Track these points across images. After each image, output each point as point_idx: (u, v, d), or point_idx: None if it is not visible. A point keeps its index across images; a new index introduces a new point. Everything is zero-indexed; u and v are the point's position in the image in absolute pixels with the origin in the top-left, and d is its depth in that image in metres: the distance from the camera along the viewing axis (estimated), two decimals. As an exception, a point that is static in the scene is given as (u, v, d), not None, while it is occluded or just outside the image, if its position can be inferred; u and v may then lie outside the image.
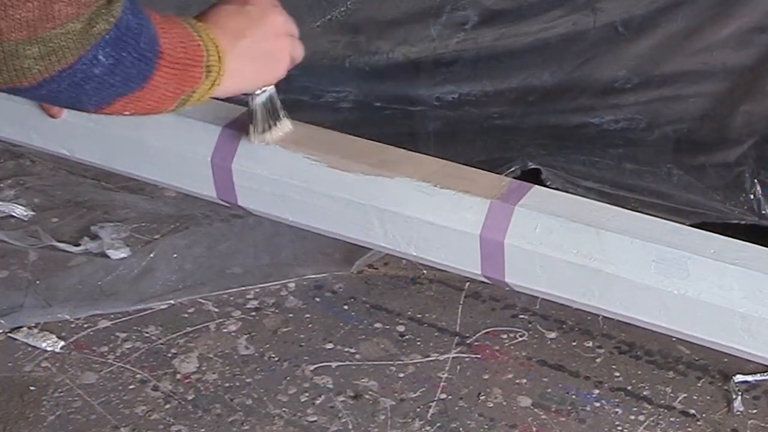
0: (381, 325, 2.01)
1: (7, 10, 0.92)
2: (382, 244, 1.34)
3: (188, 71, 1.09)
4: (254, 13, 1.20)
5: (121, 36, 0.98)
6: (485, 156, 2.07)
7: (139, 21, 1.01)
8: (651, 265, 1.21)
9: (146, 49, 1.02)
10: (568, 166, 2.04)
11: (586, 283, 1.24)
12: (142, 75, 1.03)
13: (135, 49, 1.00)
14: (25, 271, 2.12)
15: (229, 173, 1.40)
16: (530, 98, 2.10)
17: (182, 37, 1.09)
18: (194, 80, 1.11)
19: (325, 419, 1.82)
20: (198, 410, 1.85)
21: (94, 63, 0.97)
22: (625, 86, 2.03)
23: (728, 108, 1.97)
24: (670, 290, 1.19)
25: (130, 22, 0.99)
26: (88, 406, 1.86)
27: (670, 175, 2.02)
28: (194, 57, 1.10)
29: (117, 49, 0.98)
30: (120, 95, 1.03)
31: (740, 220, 1.97)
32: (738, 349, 1.20)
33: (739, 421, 1.80)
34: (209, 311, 2.06)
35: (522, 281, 1.28)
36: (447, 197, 1.29)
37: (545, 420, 1.81)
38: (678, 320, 1.21)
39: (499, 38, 2.07)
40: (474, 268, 1.30)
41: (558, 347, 1.95)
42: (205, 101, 1.16)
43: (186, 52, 1.08)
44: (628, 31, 1.98)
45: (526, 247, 1.25)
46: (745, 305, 1.17)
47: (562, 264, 1.24)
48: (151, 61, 1.03)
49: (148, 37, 1.02)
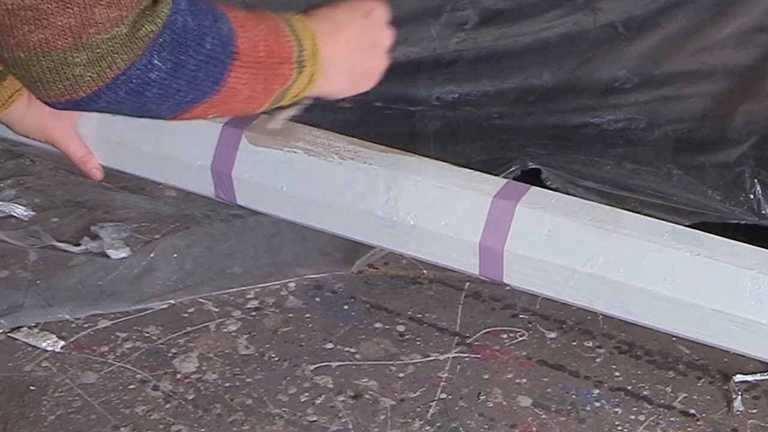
0: (381, 325, 2.02)
1: (49, 17, 0.91)
2: (379, 214, 1.33)
3: (275, 69, 1.07)
4: (356, 4, 1.19)
5: (177, 38, 0.96)
6: (485, 156, 2.07)
7: (200, 21, 0.98)
8: (664, 234, 1.22)
9: (215, 50, 0.99)
10: (568, 166, 2.04)
11: (592, 248, 1.24)
12: (212, 77, 1.00)
13: (198, 51, 0.98)
14: (25, 271, 2.12)
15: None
16: (530, 98, 2.10)
17: (267, 34, 1.06)
18: (284, 77, 1.09)
19: (325, 419, 1.83)
20: (198, 410, 1.85)
21: (150, 67, 0.95)
22: (625, 86, 2.03)
23: (728, 108, 1.97)
24: (682, 252, 1.20)
25: (188, 23, 0.97)
26: (88, 406, 1.86)
27: (670, 175, 2.02)
28: (282, 53, 1.08)
29: (175, 52, 0.96)
30: (193, 100, 1.01)
31: (740, 220, 1.97)
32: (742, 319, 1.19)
33: (739, 421, 1.80)
34: (209, 311, 2.06)
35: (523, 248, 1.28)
36: (455, 171, 1.31)
37: (545, 420, 1.81)
38: (684, 288, 1.21)
39: (499, 38, 2.07)
40: (474, 238, 1.29)
41: (558, 347, 1.96)
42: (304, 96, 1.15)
43: (270, 48, 1.06)
44: (628, 31, 1.98)
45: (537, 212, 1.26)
46: (757, 268, 1.18)
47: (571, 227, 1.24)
48: (223, 63, 1.01)
49: (218, 38, 1.00)
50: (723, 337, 1.23)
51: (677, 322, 1.24)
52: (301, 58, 1.10)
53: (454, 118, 2.14)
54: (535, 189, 1.30)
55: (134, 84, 0.95)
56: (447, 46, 2.10)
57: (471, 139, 2.13)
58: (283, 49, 1.08)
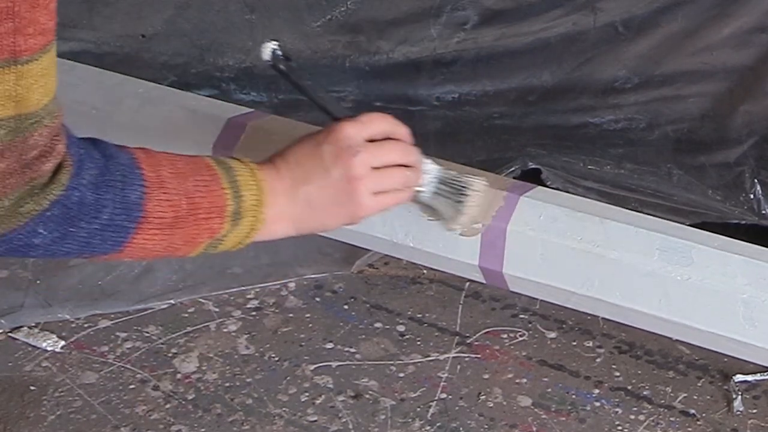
0: (381, 325, 2.01)
1: None
2: (379, 236, 1.33)
3: (200, 223, 1.06)
4: (327, 155, 1.13)
5: (68, 213, 0.96)
6: (485, 156, 2.07)
7: (101, 195, 0.98)
8: (655, 252, 1.21)
9: (114, 219, 0.99)
10: (568, 166, 2.04)
11: (586, 272, 1.24)
12: (111, 242, 1.01)
13: (92, 222, 0.98)
14: (25, 271, 2.12)
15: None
16: (530, 98, 2.10)
17: (197, 188, 1.05)
18: (212, 230, 1.08)
19: (326, 419, 1.82)
20: (198, 410, 1.85)
21: (33, 234, 0.95)
22: (625, 86, 2.03)
23: (728, 108, 1.97)
24: (673, 276, 1.19)
25: (85, 198, 0.96)
26: (88, 406, 1.86)
27: (670, 175, 2.02)
28: (210, 207, 1.06)
29: (63, 224, 0.96)
30: (91, 256, 1.01)
31: (740, 220, 1.97)
32: (738, 341, 1.19)
33: (739, 421, 1.80)
34: (209, 311, 2.06)
35: (521, 271, 1.28)
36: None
37: (545, 420, 1.81)
38: (679, 310, 1.21)
39: (499, 38, 2.07)
40: (472, 260, 1.29)
41: (558, 347, 1.96)
42: (248, 243, 1.12)
43: (196, 203, 1.05)
44: (628, 31, 1.98)
45: (528, 234, 1.25)
46: (748, 292, 1.17)
47: (563, 251, 1.24)
48: (125, 229, 1.01)
49: (121, 206, 0.99)
50: (721, 349, 1.23)
51: (676, 334, 1.25)
52: (237, 209, 1.08)
53: (454, 118, 2.14)
54: (525, 202, 1.28)
55: (15, 245, 0.95)
56: (447, 46, 2.10)
57: (471, 139, 2.12)
58: (212, 202, 1.06)
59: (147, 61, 2.28)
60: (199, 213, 1.06)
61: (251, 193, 1.09)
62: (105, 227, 0.99)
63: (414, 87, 2.15)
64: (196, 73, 2.25)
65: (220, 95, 2.18)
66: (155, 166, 1.03)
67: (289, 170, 1.13)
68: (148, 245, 1.03)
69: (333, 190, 1.14)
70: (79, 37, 2.28)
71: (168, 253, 1.07)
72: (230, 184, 1.08)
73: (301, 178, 1.13)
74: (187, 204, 1.04)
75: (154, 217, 1.02)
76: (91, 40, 2.29)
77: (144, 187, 1.01)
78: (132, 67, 2.12)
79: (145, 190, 1.01)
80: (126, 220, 1.00)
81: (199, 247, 1.09)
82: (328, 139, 1.14)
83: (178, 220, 1.04)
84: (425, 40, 2.10)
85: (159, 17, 2.24)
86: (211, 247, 1.10)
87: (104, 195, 0.98)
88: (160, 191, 1.02)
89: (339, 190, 1.14)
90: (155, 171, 1.03)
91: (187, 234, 1.06)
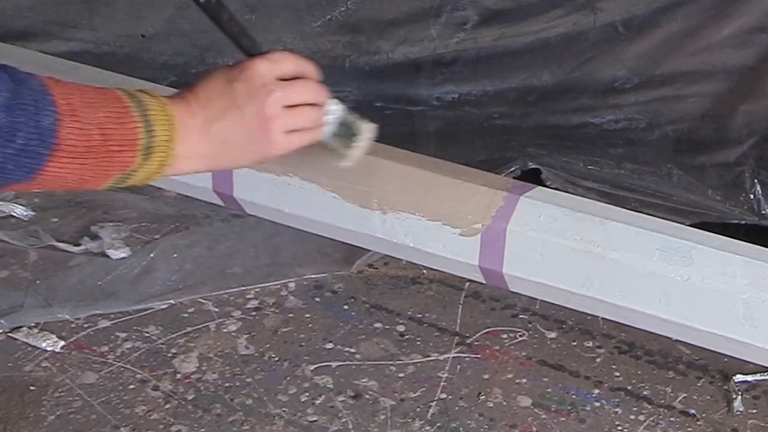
0: (381, 325, 2.02)
1: None
2: (379, 236, 1.34)
3: (112, 156, 1.06)
4: (240, 92, 1.15)
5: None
6: (485, 156, 2.07)
7: (15, 117, 0.98)
8: (655, 252, 1.21)
9: (29, 144, 0.99)
10: (568, 166, 2.04)
11: (586, 272, 1.24)
12: (25, 168, 1.01)
13: (6, 146, 0.98)
14: (25, 271, 2.12)
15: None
16: (530, 98, 2.10)
17: (108, 120, 1.05)
18: (123, 164, 1.08)
19: (325, 419, 1.82)
20: (198, 410, 1.85)
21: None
22: (625, 86, 2.03)
23: (728, 108, 1.97)
24: (673, 276, 1.19)
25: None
26: (88, 406, 1.86)
27: (670, 175, 2.02)
28: (122, 139, 1.06)
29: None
30: (3, 183, 1.01)
31: (740, 220, 1.97)
32: (738, 341, 1.20)
33: (739, 421, 1.80)
34: (209, 311, 2.06)
35: (521, 271, 1.28)
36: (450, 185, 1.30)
37: (545, 420, 1.81)
38: (678, 311, 1.21)
39: (499, 38, 2.07)
40: (472, 260, 1.29)
41: (558, 347, 1.96)
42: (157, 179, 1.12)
43: (106, 135, 1.05)
44: (628, 31, 1.98)
45: (528, 234, 1.25)
46: (748, 292, 1.17)
47: (563, 251, 1.24)
48: (39, 155, 1.01)
49: (35, 131, 0.99)
50: (721, 349, 1.23)
51: (676, 334, 1.25)
52: (149, 144, 1.09)
53: (454, 118, 2.14)
54: (525, 202, 1.29)
55: None
56: (447, 46, 2.10)
57: (471, 139, 2.13)
58: (125, 135, 1.07)
59: (147, 61, 2.28)
60: (110, 145, 1.06)
61: (162, 129, 1.10)
62: (19, 152, 0.99)
63: (414, 87, 2.15)
64: (196, 73, 2.26)
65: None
66: (66, 94, 1.03)
67: (201, 107, 1.14)
68: (61, 174, 1.03)
69: (246, 128, 1.15)
70: (79, 37, 2.29)
71: (78, 185, 1.07)
72: (142, 118, 1.08)
73: (214, 115, 1.14)
74: (100, 135, 1.05)
75: (67, 145, 1.02)
76: (91, 40, 2.29)
77: (57, 114, 1.01)
78: (132, 67, 2.12)
79: (57, 117, 1.01)
80: (40, 146, 1.01)
81: (109, 180, 1.09)
82: (241, 76, 1.15)
83: (90, 150, 1.04)
84: (425, 40, 2.10)
85: (159, 17, 2.24)
86: (120, 181, 1.10)
87: (17, 118, 0.98)
88: (71, 119, 1.02)
89: (252, 128, 1.15)
90: (66, 99, 1.03)
91: (99, 165, 1.06)
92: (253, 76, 1.15)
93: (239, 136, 1.15)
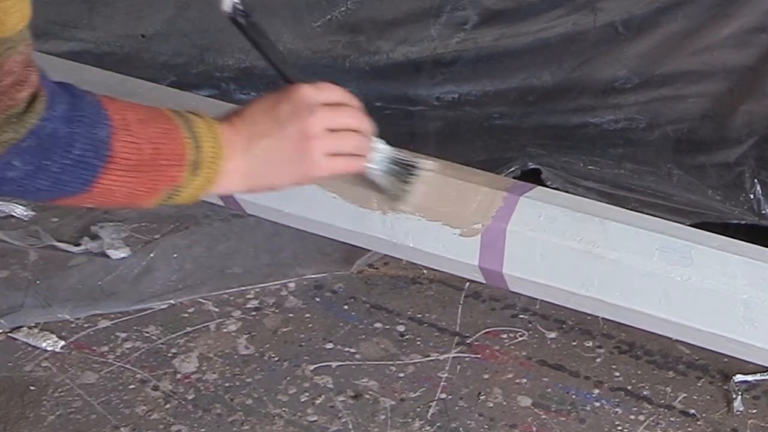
0: (381, 325, 2.01)
1: None
2: (379, 236, 1.33)
3: (162, 170, 1.08)
4: (283, 112, 1.16)
5: (42, 144, 0.98)
6: (485, 156, 2.07)
7: (73, 128, 0.99)
8: (654, 253, 1.21)
9: (85, 155, 1.01)
10: (568, 166, 2.04)
11: (586, 272, 1.24)
12: (81, 180, 1.02)
13: (64, 156, 1.00)
14: (25, 271, 2.12)
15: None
16: (530, 98, 2.10)
17: (159, 135, 1.07)
18: (171, 178, 1.09)
19: (325, 419, 1.82)
20: (198, 410, 1.85)
21: (8, 167, 0.97)
22: (625, 86, 2.03)
23: (728, 108, 1.97)
24: (673, 276, 1.19)
25: (58, 130, 0.99)
26: (88, 406, 1.86)
27: (670, 175, 2.02)
28: (172, 155, 1.08)
29: (38, 156, 0.98)
30: (57, 196, 1.03)
31: (740, 220, 1.97)
32: (738, 341, 1.20)
33: (739, 421, 1.80)
34: (209, 311, 2.06)
35: (521, 271, 1.28)
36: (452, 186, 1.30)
37: (545, 420, 1.81)
38: (679, 311, 1.21)
39: (499, 38, 2.07)
40: (472, 260, 1.29)
41: (558, 347, 1.95)
42: (203, 197, 1.14)
43: (158, 150, 1.07)
44: (628, 31, 1.98)
45: (528, 234, 1.25)
46: (748, 292, 1.17)
47: (563, 251, 1.24)
48: (94, 167, 1.02)
49: (90, 143, 1.01)
50: (721, 349, 1.23)
51: (676, 334, 1.24)
52: (197, 159, 1.10)
53: (454, 118, 2.14)
54: (525, 202, 1.29)
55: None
56: (447, 46, 2.10)
57: (471, 139, 2.13)
58: (174, 150, 1.08)
59: (147, 61, 2.28)
60: (161, 159, 1.07)
61: (209, 145, 1.11)
62: (76, 163, 1.01)
63: (414, 87, 2.15)
64: (196, 73, 2.26)
65: (220, 95, 2.19)
66: (119, 109, 1.05)
67: (246, 126, 1.15)
68: (114, 187, 1.05)
69: (288, 147, 1.15)
70: (79, 37, 2.29)
71: (128, 200, 1.08)
72: (190, 134, 1.10)
73: (257, 133, 1.15)
74: (151, 149, 1.06)
75: (121, 157, 1.04)
76: (91, 40, 2.29)
77: (111, 127, 1.03)
78: (132, 67, 2.12)
79: (111, 129, 1.03)
80: (95, 158, 1.02)
81: (158, 195, 1.10)
82: (286, 98, 1.16)
83: (141, 163, 1.06)
84: (425, 40, 2.10)
85: (159, 17, 2.24)
86: (169, 198, 1.11)
87: (75, 129, 1.00)
88: (125, 132, 1.04)
89: (294, 148, 1.15)
90: (119, 113, 1.04)
91: (150, 179, 1.07)
92: (297, 98, 1.16)
93: (281, 155, 1.16)
